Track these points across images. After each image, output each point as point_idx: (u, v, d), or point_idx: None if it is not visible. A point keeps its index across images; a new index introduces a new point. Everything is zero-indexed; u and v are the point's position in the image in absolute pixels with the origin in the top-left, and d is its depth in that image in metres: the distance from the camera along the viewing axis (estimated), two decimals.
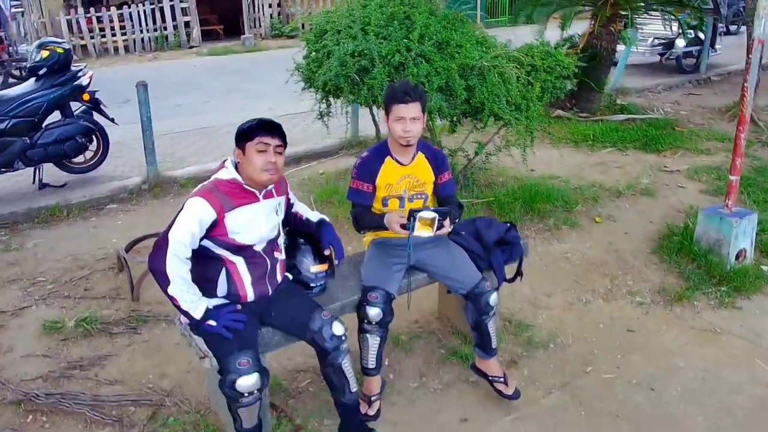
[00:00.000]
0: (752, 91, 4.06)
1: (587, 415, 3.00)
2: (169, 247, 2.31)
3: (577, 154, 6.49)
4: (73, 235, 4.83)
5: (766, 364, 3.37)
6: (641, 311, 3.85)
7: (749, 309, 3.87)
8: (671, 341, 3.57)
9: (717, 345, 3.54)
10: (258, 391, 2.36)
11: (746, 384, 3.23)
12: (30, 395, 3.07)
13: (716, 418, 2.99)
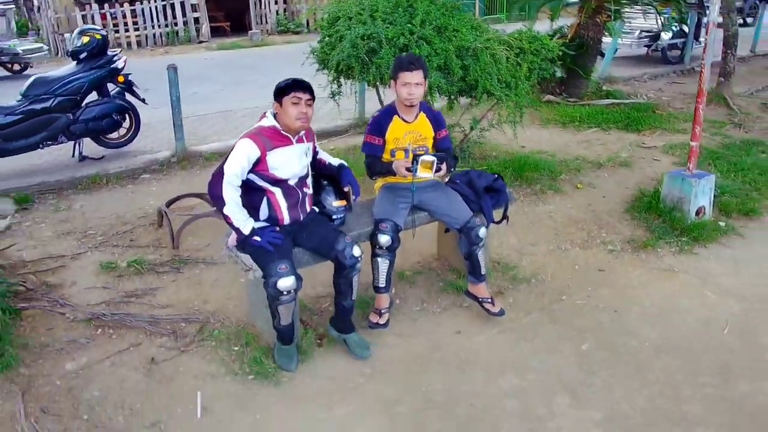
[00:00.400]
0: (708, 69, 4.69)
1: (559, 330, 3.63)
2: (224, 177, 2.95)
3: (564, 134, 7.12)
4: (114, 199, 5.46)
5: (712, 294, 4.00)
6: (612, 256, 4.48)
7: (704, 255, 4.50)
8: (635, 278, 4.20)
9: (673, 281, 4.17)
10: (294, 291, 2.99)
11: (695, 308, 3.86)
12: (97, 314, 3.70)
13: (667, 331, 3.62)
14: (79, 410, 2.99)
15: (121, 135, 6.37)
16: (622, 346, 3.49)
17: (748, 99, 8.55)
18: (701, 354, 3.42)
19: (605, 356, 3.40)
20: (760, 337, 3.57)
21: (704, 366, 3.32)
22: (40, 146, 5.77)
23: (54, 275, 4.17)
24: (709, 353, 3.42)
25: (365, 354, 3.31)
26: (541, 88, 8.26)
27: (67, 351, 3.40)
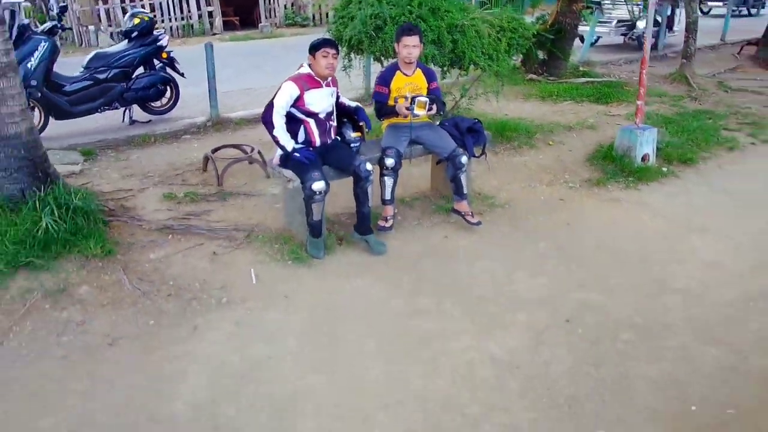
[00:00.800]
0: (649, 41, 5.78)
1: (523, 237, 4.73)
2: (274, 108, 4.04)
3: (543, 106, 8.21)
4: (162, 153, 6.55)
5: (645, 216, 5.09)
6: (571, 191, 5.58)
7: (645, 190, 5.59)
8: (587, 205, 5.29)
9: (617, 207, 5.27)
10: (323, 193, 4.08)
11: (629, 224, 4.95)
12: (167, 225, 4.79)
13: (605, 238, 4.71)
14: (165, 280, 4.08)
15: (163, 103, 7.45)
16: (569, 246, 4.59)
17: (709, 79, 9.64)
18: (629, 252, 4.51)
19: (556, 252, 4.49)
20: (675, 242, 4.66)
21: (629, 257, 4.42)
22: (99, 110, 6.86)
23: (127, 202, 5.26)
24: (634, 251, 4.52)
25: (382, 250, 4.39)
26: (525, 68, 9.36)
27: (149, 247, 4.49)
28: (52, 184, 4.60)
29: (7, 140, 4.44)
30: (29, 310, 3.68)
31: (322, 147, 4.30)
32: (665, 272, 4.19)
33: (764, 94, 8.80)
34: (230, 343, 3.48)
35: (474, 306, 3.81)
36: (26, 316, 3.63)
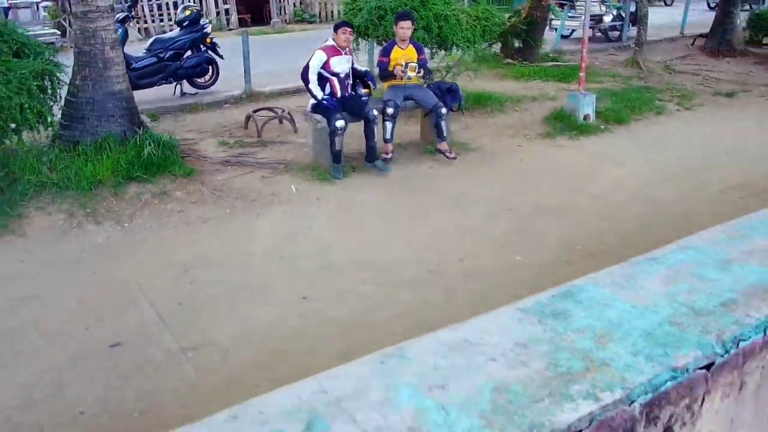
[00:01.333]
0: (587, 27, 7.48)
1: (488, 168, 6.44)
2: (309, 68, 5.76)
3: (515, 83, 9.92)
4: (210, 116, 8.26)
5: (581, 155, 6.81)
6: (527, 141, 7.29)
7: (584, 140, 7.31)
8: (538, 149, 7.01)
9: (561, 151, 6.98)
10: (343, 129, 5.79)
11: (568, 159, 6.66)
12: (226, 159, 6.50)
13: (550, 166, 6.43)
14: (232, 190, 5.79)
15: (206, 80, 9.14)
16: (520, 172, 6.31)
17: (659, 64, 11.34)
18: (562, 174, 6.23)
19: (510, 175, 6.21)
20: (596, 169, 6.38)
21: (561, 177, 6.13)
22: (158, 84, 8.56)
23: (193, 146, 6.98)
24: (566, 174, 6.23)
25: (387, 170, 6.11)
26: (503, 54, 11.07)
27: (215, 172, 6.20)
28: (143, 128, 6.32)
29: (113, 95, 6.15)
30: (144, 204, 5.40)
31: (341, 98, 6.02)
32: (584, 184, 5.91)
33: (700, 75, 10.53)
34: (283, 221, 5.20)
35: (446, 202, 5.53)
36: (143, 207, 5.35)
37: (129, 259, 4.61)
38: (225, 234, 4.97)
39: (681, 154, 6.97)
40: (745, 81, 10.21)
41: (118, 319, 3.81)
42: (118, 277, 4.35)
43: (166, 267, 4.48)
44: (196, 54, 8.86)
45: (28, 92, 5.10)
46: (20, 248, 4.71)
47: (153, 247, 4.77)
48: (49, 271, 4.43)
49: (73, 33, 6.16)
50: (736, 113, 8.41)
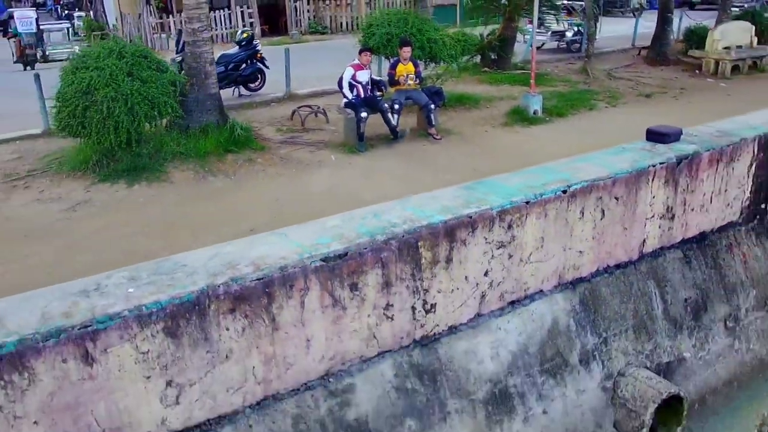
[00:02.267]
0: (533, 47, 10.37)
1: (464, 146, 9.34)
2: (343, 79, 8.68)
3: (489, 87, 12.79)
4: (262, 112, 11.13)
5: (524, 136, 9.71)
6: (494, 128, 10.19)
7: (533, 128, 10.19)
8: (501, 135, 9.89)
9: (517, 135, 9.87)
10: (365, 118, 8.69)
11: (521, 142, 9.57)
12: (283, 140, 9.41)
13: (507, 147, 9.34)
14: (292, 159, 8.69)
15: (257, 85, 12.04)
16: (486, 150, 9.20)
17: (604, 72, 14.24)
18: (517, 151, 9.12)
19: (479, 153, 9.09)
20: (540, 147, 9.26)
21: (518, 152, 9.03)
22: (223, 88, 11.45)
23: (257, 132, 9.87)
24: (520, 151, 9.12)
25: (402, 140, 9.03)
26: (482, 64, 13.96)
27: (278, 149, 9.08)
28: (228, 118, 9.23)
29: (210, 96, 9.06)
30: (239, 166, 8.30)
31: (364, 98, 8.92)
32: (527, 156, 8.76)
33: (633, 81, 13.43)
34: (328, 177, 8.09)
35: (434, 167, 8.42)
36: (239, 168, 8.24)
37: (238, 195, 7.52)
38: (294, 183, 7.88)
39: (600, 136, 9.82)
40: (667, 85, 13.13)
41: (245, 222, 6.70)
42: (234, 203, 7.26)
43: (262, 199, 7.38)
44: (250, 65, 11.77)
45: (168, 94, 8.00)
46: (171, 189, 7.61)
47: (251, 189, 7.68)
48: (193, 201, 7.33)
49: (186, 54, 9.01)
50: (649, 109, 11.32)
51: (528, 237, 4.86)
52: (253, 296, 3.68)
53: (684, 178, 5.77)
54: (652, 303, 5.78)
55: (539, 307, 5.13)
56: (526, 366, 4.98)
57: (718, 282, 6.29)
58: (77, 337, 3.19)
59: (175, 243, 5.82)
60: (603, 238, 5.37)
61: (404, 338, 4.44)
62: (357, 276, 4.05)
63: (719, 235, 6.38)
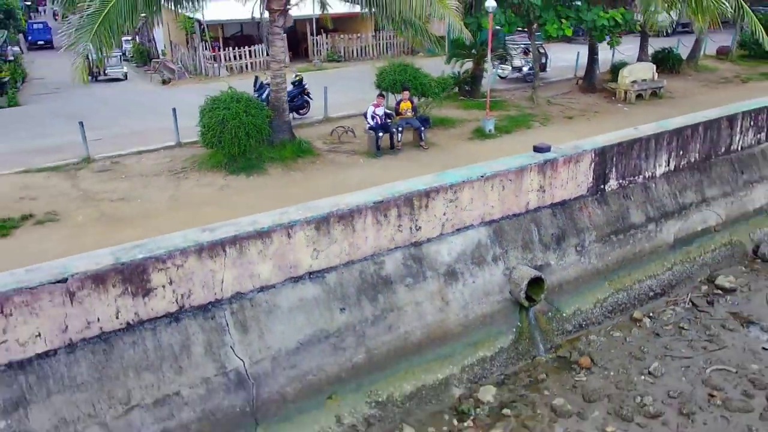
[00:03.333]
0: (489, 83, 15.78)
1: (443, 154, 14.73)
2: (367, 112, 14.08)
3: (463, 112, 18.13)
4: (312, 130, 16.45)
5: (485, 147, 15.12)
6: (463, 141, 15.54)
7: (488, 141, 15.54)
8: (468, 145, 15.27)
9: (479, 146, 15.25)
10: (381, 137, 14.10)
11: (479, 150, 14.97)
12: (330, 149, 14.79)
13: (468, 153, 14.75)
14: (335, 161, 14.07)
15: (304, 112, 17.40)
16: (457, 154, 14.61)
17: (546, 99, 19.59)
18: (477, 156, 14.50)
19: (453, 156, 14.49)
20: (489, 153, 14.65)
21: (477, 156, 14.41)
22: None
23: (312, 145, 15.21)
24: (479, 155, 14.51)
25: (401, 150, 14.43)
26: (459, 93, 19.33)
27: (327, 155, 14.48)
28: (295, 136, 14.64)
29: (285, 122, 14.45)
30: (306, 165, 13.67)
31: (380, 124, 14.33)
32: (478, 159, 14.12)
33: (566, 106, 18.80)
34: (359, 172, 13.45)
35: (422, 165, 13.76)
36: (306, 166, 13.60)
37: (308, 182, 12.84)
38: (339, 175, 13.21)
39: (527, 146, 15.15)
40: (587, 109, 18.51)
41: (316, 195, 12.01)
42: (307, 186, 12.60)
43: (322, 184, 12.72)
44: (300, 98, 17.17)
45: (264, 122, 13.38)
46: (270, 179, 12.95)
47: (315, 179, 13.03)
48: (284, 185, 12.67)
49: (270, 88, 14.34)
50: (568, 127, 16.66)
51: (465, 198, 10.22)
52: (347, 217, 9.04)
53: (548, 170, 11.16)
54: (532, 235, 11.16)
55: (471, 233, 10.50)
56: (464, 260, 10.36)
57: (572, 226, 11.68)
58: (286, 226, 8.56)
59: (280, 205, 11.18)
60: (504, 200, 10.76)
61: (406, 241, 9.82)
62: (386, 211, 9.42)
63: (574, 201, 11.77)
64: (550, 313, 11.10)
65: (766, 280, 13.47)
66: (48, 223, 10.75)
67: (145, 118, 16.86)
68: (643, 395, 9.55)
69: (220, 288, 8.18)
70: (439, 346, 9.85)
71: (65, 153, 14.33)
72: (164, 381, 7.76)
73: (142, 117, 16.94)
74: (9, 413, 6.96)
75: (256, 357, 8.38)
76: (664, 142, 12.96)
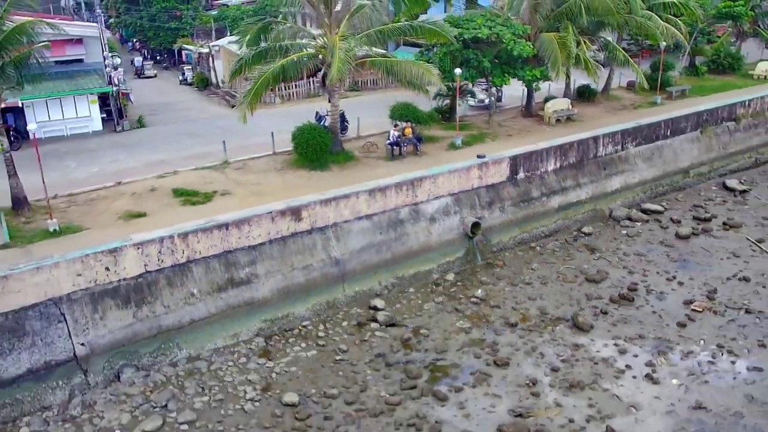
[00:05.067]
0: (457, 111, 25.77)
1: (430, 160, 24.70)
2: (390, 135, 24.07)
3: (444, 132, 27.79)
4: (352, 143, 26.34)
5: (456, 153, 25.11)
6: (443, 152, 25.49)
7: (459, 151, 25.52)
8: (445, 154, 25.18)
9: (452, 154, 25.21)
10: (393, 149, 24.11)
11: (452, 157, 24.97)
12: (363, 156, 24.74)
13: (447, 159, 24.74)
14: (368, 162, 24.03)
15: (345, 132, 27.23)
16: (440, 159, 24.56)
17: (497, 122, 29.43)
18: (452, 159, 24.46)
19: (437, 160, 24.44)
20: (461, 158, 24.64)
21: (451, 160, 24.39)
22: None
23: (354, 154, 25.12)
24: (451, 159, 24.46)
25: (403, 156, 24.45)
26: (442, 119, 29.23)
27: (363, 159, 24.41)
28: (344, 148, 24.61)
29: (338, 140, 24.42)
30: (352, 166, 23.59)
31: (394, 141, 24.29)
32: (451, 161, 24.08)
33: (510, 127, 28.64)
34: (383, 170, 23.37)
35: (420, 165, 23.70)
36: (353, 167, 23.48)
37: (355, 174, 22.65)
38: (372, 171, 23.04)
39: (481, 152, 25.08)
40: (523, 129, 28.36)
41: (359, 181, 21.90)
42: (355, 177, 22.49)
43: (364, 176, 22.63)
44: (342, 123, 27.09)
45: (328, 141, 23.33)
46: (333, 174, 22.83)
47: (359, 173, 22.83)
48: (342, 177, 22.59)
49: (327, 118, 24.17)
50: (509, 142, 26.35)
51: (440, 181, 20.24)
52: (382, 190, 19.01)
53: (484, 168, 21.20)
54: (475, 201, 21.17)
55: (442, 200, 20.53)
56: (439, 212, 20.38)
57: (498, 197, 21.70)
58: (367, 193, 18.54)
59: (342, 186, 21.11)
60: (460, 183, 20.78)
61: (410, 202, 19.82)
62: (401, 187, 19.40)
63: (498, 184, 21.80)
64: (484, 241, 21.17)
65: (612, 231, 23.55)
66: (226, 195, 20.58)
67: (242, 136, 26.48)
68: (526, 276, 19.69)
69: (328, 220, 18.22)
70: (426, 254, 19.93)
71: (209, 159, 24.14)
72: (306, 259, 17.81)
73: (240, 135, 26.52)
74: (247, 274, 16.99)
75: (343, 252, 18.43)
76: (552, 152, 23.03)
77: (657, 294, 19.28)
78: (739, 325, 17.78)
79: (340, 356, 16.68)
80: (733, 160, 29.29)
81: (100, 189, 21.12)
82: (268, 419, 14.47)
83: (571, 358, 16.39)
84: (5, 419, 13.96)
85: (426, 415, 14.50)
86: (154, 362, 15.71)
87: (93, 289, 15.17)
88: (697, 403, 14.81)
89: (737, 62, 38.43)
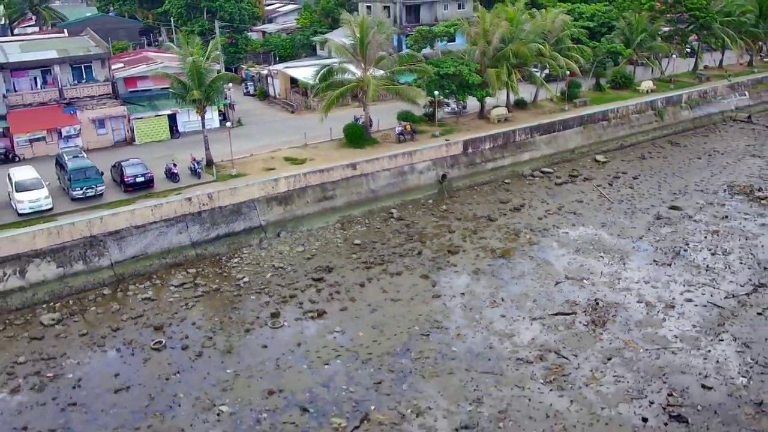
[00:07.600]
0: (436, 113, 43.57)
1: (420, 145, 42.55)
2: (396, 129, 41.94)
3: (429, 127, 45.63)
4: (376, 134, 44.15)
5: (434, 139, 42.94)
6: (429, 138, 43.30)
7: (435, 139, 43.33)
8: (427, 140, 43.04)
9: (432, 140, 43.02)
10: (400, 137, 41.95)
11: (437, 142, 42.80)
12: (382, 141, 42.54)
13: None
14: (386, 144, 41.82)
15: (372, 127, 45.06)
16: (423, 143, 42.41)
17: (463, 122, 47.06)
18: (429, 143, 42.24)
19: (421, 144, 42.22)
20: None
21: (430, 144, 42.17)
22: None
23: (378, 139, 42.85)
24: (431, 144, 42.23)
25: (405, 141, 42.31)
26: (428, 120, 46.91)
27: (384, 141, 42.20)
28: (371, 136, 42.45)
29: (368, 131, 42.33)
30: (380, 146, 41.41)
31: (400, 132, 42.11)
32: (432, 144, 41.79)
33: (469, 124, 46.30)
34: (396, 149, 41.21)
35: (414, 146, 41.44)
36: (380, 147, 41.34)
37: (380, 151, 40.47)
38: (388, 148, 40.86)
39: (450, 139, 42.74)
40: (479, 126, 46.11)
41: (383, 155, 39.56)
42: (380, 152, 40.23)
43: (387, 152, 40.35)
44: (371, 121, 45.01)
45: (364, 133, 41.15)
46: (365, 151, 40.63)
47: (383, 150, 40.71)
48: (373, 153, 40.34)
49: (362, 119, 41.77)
50: (469, 133, 44.15)
51: (424, 153, 38.32)
52: (398, 157, 36.85)
53: (448, 147, 39.22)
54: (445, 164, 39.12)
55: (425, 162, 38.63)
56: (424, 169, 38.41)
57: (457, 163, 39.63)
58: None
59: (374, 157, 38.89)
60: (436, 154, 38.77)
61: (408, 164, 37.80)
62: (403, 156, 37.27)
63: (458, 155, 39.84)
64: (448, 185, 39.28)
65: (521, 181, 41.56)
66: (313, 160, 38.51)
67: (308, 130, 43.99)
68: (470, 202, 37.88)
69: (367, 170, 36.37)
70: (417, 190, 38.35)
71: (293, 143, 41.95)
72: (358, 189, 36.01)
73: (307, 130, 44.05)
74: (332, 194, 35.10)
75: (376, 186, 36.59)
76: (489, 138, 41.18)
77: (534, 208, 37.15)
78: (569, 218, 35.72)
79: (377, 229, 34.63)
80: (605, 145, 47.20)
81: (245, 157, 38.97)
82: (347, 249, 32.34)
83: (485, 232, 34.26)
84: (235, 248, 31.88)
85: (417, 249, 32.41)
86: (292, 231, 33.56)
87: (267, 196, 33.19)
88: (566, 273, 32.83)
89: (629, 81, 56.36)
